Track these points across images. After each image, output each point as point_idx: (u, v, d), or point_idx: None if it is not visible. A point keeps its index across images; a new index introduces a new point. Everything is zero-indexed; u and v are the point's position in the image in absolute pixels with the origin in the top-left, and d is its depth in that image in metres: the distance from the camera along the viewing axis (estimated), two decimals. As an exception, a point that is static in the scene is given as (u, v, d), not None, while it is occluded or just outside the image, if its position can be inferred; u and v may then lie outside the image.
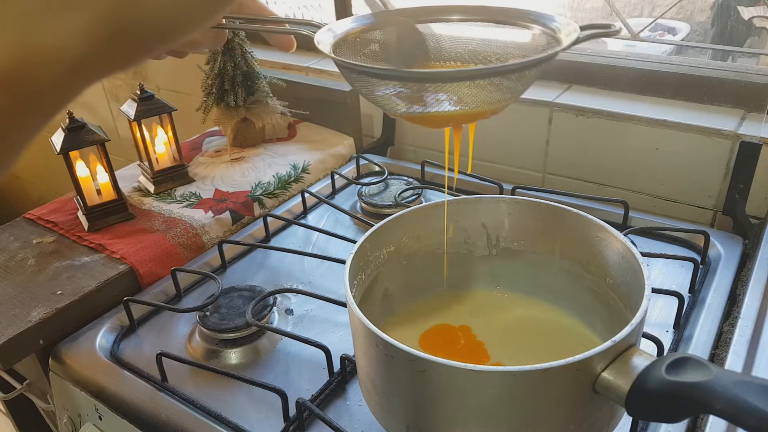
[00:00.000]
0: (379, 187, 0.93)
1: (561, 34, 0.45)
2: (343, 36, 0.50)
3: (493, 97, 0.44)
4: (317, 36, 0.47)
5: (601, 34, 0.44)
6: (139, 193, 0.93)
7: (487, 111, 0.46)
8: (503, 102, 0.45)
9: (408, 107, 0.45)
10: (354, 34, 0.51)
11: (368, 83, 0.44)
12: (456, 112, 0.45)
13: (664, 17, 0.95)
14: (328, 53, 0.45)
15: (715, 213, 0.84)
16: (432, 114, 0.45)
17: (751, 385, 0.35)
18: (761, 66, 0.87)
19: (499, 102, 0.45)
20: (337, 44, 0.49)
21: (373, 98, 0.46)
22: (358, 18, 0.51)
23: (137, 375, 0.64)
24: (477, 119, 0.48)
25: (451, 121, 0.47)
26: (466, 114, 0.45)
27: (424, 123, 0.48)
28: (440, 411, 0.43)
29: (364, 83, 0.45)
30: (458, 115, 0.45)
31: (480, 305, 0.61)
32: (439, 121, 0.47)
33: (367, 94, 0.46)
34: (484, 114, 0.46)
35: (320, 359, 0.61)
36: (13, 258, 0.79)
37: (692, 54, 1.00)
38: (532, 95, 0.93)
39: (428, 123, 0.47)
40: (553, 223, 0.58)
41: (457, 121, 0.48)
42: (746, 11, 0.92)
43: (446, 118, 0.46)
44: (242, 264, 0.82)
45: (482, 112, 0.46)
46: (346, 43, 0.50)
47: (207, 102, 1.02)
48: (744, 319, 0.60)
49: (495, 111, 0.46)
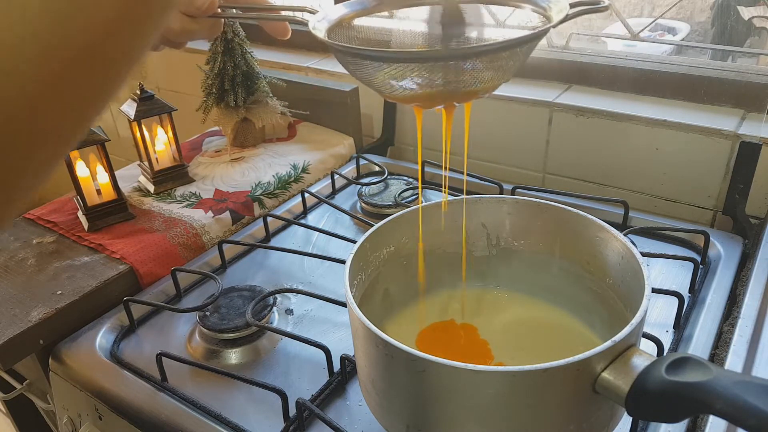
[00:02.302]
0: (379, 187, 0.93)
1: (552, 12, 0.46)
2: (338, 21, 0.50)
3: (485, 75, 0.44)
4: (311, 21, 0.48)
5: (589, 10, 0.45)
6: (139, 193, 0.93)
7: (480, 90, 0.46)
8: (496, 80, 0.45)
9: (401, 88, 0.45)
10: (349, 18, 0.51)
11: (362, 66, 0.45)
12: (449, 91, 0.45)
13: (664, 17, 0.95)
14: (323, 38, 0.45)
15: (715, 213, 0.84)
16: (425, 93, 0.45)
17: (751, 385, 0.35)
18: (761, 66, 0.87)
19: (492, 80, 0.45)
20: (332, 29, 0.49)
21: (368, 81, 0.46)
22: (352, 3, 0.51)
23: (137, 375, 0.64)
24: (470, 98, 0.47)
25: (445, 101, 0.47)
26: (459, 93, 0.45)
27: (418, 103, 0.48)
28: (440, 411, 0.43)
29: (358, 66, 0.45)
30: (452, 94, 0.45)
31: (480, 305, 0.61)
32: (432, 100, 0.47)
33: (361, 77, 0.46)
34: (477, 93, 0.46)
35: (320, 359, 0.61)
36: (13, 258, 0.79)
37: (692, 54, 1.00)
38: (532, 95, 0.93)
39: (422, 102, 0.47)
40: (553, 223, 0.58)
41: (451, 100, 0.47)
42: (746, 11, 0.92)
43: (440, 97, 0.46)
44: (242, 264, 0.82)
45: (475, 91, 0.46)
46: (341, 28, 0.50)
47: (207, 102, 1.02)
48: (744, 319, 0.60)
49: (488, 90, 0.46)
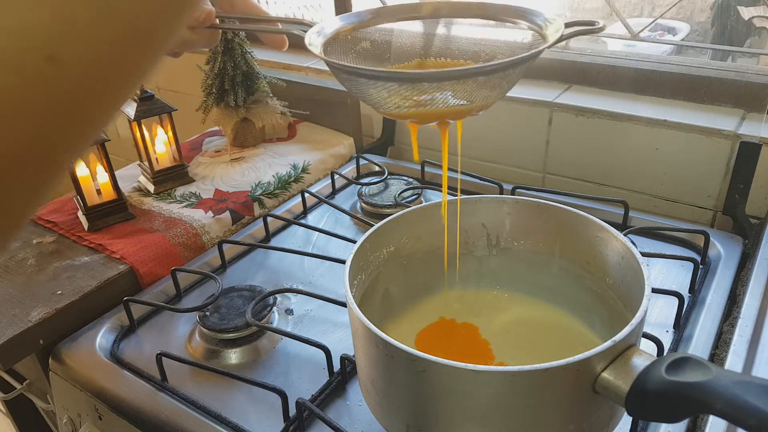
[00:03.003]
0: (379, 187, 0.93)
1: (547, 31, 0.46)
2: (333, 35, 0.50)
3: (478, 95, 0.45)
4: (307, 36, 0.48)
5: (584, 31, 0.45)
6: (139, 193, 0.93)
7: (474, 108, 0.46)
8: (489, 99, 0.46)
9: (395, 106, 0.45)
10: (345, 32, 0.51)
11: (356, 83, 0.45)
12: (442, 109, 0.45)
13: (664, 17, 0.95)
14: (318, 54, 0.46)
15: (715, 213, 0.84)
16: (419, 112, 0.45)
17: (751, 385, 0.35)
18: (761, 66, 0.87)
19: (485, 99, 0.46)
20: (328, 43, 0.49)
21: (362, 97, 0.46)
22: (348, 16, 0.52)
23: (137, 375, 0.64)
24: (464, 116, 0.48)
25: (438, 118, 0.48)
26: (452, 111, 0.46)
27: (412, 120, 0.48)
28: (440, 411, 0.43)
29: (353, 82, 0.45)
30: (445, 112, 0.46)
31: (480, 305, 0.61)
32: (426, 118, 0.47)
33: (356, 93, 0.47)
34: (471, 111, 0.46)
35: (320, 359, 0.61)
36: (13, 258, 0.79)
37: (692, 54, 1.00)
38: (532, 95, 0.93)
39: (416, 120, 0.48)
40: (553, 223, 0.58)
41: (444, 117, 0.48)
42: (746, 11, 0.92)
43: (434, 115, 0.46)
44: (242, 264, 0.82)
45: (468, 109, 0.46)
46: (337, 42, 0.50)
47: (207, 102, 1.02)
48: (744, 319, 0.60)
49: (481, 108, 0.46)
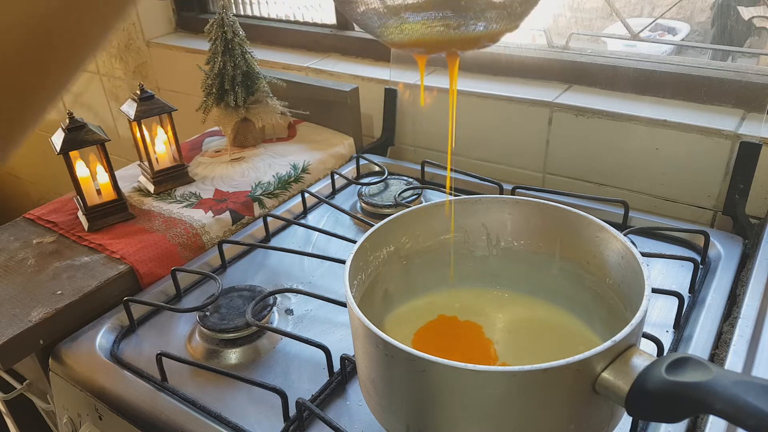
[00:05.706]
0: (379, 187, 0.93)
1: None
2: None
3: (489, 15, 0.43)
4: None
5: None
6: (139, 193, 0.93)
7: (483, 36, 0.44)
8: (500, 21, 0.44)
9: (403, 31, 0.44)
10: None
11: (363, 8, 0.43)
12: (452, 35, 0.44)
13: (664, 17, 0.95)
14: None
15: (715, 213, 0.84)
16: (426, 38, 0.44)
17: (751, 385, 0.35)
18: (761, 66, 0.87)
19: (496, 20, 0.43)
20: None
21: (370, 27, 0.45)
22: None
23: (137, 375, 0.64)
24: (473, 46, 0.46)
25: (447, 46, 0.46)
26: (460, 38, 0.44)
27: (419, 50, 0.47)
28: (440, 411, 0.43)
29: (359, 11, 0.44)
30: (455, 39, 0.44)
31: (480, 305, 0.61)
32: (435, 46, 0.45)
33: (361, 21, 0.45)
34: (480, 40, 0.45)
35: (320, 359, 0.61)
36: (13, 258, 0.79)
37: (692, 54, 1.00)
38: (531, 95, 0.93)
39: (423, 48, 0.46)
40: (553, 223, 0.58)
41: (451, 46, 0.46)
42: (746, 11, 0.91)
43: (443, 42, 0.45)
44: (242, 264, 0.82)
45: (477, 37, 0.44)
46: None
47: (207, 102, 1.02)
48: (744, 319, 0.60)
49: (491, 37, 0.45)
